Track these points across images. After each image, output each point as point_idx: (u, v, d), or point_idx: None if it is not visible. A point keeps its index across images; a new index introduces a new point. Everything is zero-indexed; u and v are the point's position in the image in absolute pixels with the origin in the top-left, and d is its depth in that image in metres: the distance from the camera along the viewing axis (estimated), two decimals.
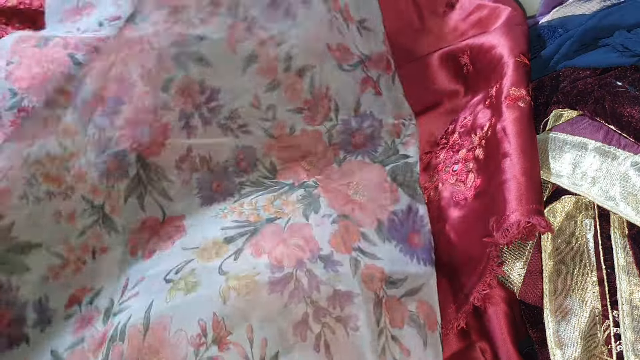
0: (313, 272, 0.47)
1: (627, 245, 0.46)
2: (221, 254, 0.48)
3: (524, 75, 0.54)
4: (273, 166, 0.55)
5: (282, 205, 0.52)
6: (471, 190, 0.52)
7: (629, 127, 0.47)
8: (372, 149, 0.57)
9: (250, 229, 0.50)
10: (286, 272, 0.47)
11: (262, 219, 0.51)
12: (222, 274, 0.47)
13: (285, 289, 0.46)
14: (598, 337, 0.46)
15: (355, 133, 0.57)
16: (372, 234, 0.52)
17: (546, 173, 0.50)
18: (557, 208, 0.51)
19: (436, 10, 0.71)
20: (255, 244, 0.49)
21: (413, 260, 0.51)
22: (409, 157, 0.57)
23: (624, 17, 0.56)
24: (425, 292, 0.51)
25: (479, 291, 0.47)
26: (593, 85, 0.51)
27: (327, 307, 0.46)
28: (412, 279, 0.50)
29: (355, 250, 0.50)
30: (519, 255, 0.51)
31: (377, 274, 0.49)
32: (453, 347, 0.53)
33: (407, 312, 0.49)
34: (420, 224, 0.54)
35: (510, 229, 0.44)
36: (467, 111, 0.60)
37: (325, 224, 0.51)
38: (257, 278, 0.46)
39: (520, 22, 0.60)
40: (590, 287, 0.47)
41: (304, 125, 0.56)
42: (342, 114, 0.58)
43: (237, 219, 0.51)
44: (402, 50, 0.72)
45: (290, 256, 0.48)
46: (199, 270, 0.47)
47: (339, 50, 0.59)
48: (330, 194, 0.53)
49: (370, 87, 0.60)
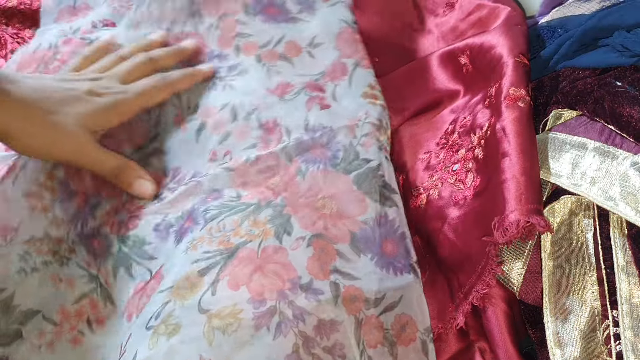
0: (296, 304, 0.46)
1: (627, 245, 0.46)
2: (197, 289, 0.46)
3: (523, 75, 0.54)
4: (238, 193, 0.54)
5: (250, 227, 0.51)
6: (470, 189, 0.52)
7: (628, 127, 0.47)
8: (332, 155, 0.56)
9: (223, 257, 0.48)
10: (269, 306, 0.45)
11: (233, 244, 0.49)
12: (203, 312, 0.44)
13: (270, 322, 0.44)
14: (597, 337, 0.46)
15: (310, 144, 0.57)
16: (347, 249, 0.50)
17: (545, 173, 0.50)
18: (556, 208, 0.51)
19: (436, 10, 0.71)
20: (230, 273, 0.47)
21: (390, 273, 0.50)
22: (370, 161, 0.56)
23: (624, 18, 0.56)
24: (403, 304, 0.50)
25: (478, 290, 0.47)
26: (592, 86, 0.51)
27: (315, 337, 0.45)
28: (390, 295, 0.49)
29: (332, 272, 0.48)
30: (518, 255, 0.51)
31: (357, 295, 0.48)
32: (453, 348, 0.53)
33: (382, 332, 0.48)
34: (391, 229, 0.53)
35: (510, 229, 0.44)
36: (466, 111, 0.60)
37: (301, 247, 0.49)
38: (240, 316, 0.44)
39: (519, 22, 0.60)
40: (589, 287, 0.47)
41: (258, 153, 0.56)
42: (294, 134, 0.58)
43: (208, 249, 0.49)
44: (402, 50, 0.73)
45: (271, 288, 0.46)
46: (178, 312, 0.45)
47: (277, 89, 0.62)
48: (300, 213, 0.52)
49: (315, 104, 0.60)
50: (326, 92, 0.62)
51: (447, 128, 0.61)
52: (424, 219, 0.56)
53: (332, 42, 0.66)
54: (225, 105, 0.60)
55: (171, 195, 0.55)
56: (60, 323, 0.48)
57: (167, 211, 0.54)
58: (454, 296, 0.52)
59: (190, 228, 0.52)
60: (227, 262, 0.48)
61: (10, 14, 0.73)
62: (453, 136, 0.59)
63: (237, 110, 0.59)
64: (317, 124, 0.58)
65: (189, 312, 0.45)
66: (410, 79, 0.67)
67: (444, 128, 0.62)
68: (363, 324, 0.47)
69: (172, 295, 0.46)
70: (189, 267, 0.48)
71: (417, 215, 0.57)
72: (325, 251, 0.50)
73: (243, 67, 0.63)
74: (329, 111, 0.60)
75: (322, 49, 0.65)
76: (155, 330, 0.44)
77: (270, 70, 0.63)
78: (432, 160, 0.59)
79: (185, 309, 0.45)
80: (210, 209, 0.53)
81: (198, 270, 0.47)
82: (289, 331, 0.44)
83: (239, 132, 0.58)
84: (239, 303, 0.45)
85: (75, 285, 0.50)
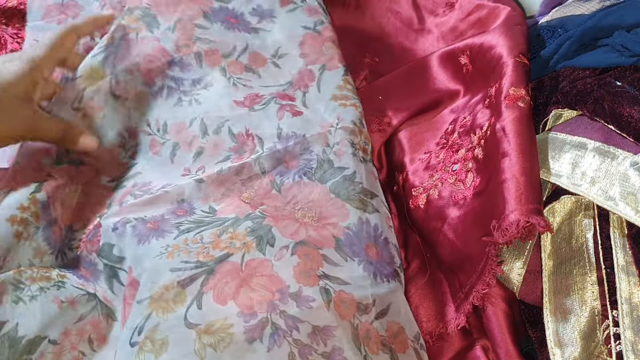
0: (287, 313, 0.45)
1: (627, 245, 0.46)
2: (180, 302, 0.45)
3: (523, 75, 0.54)
4: (212, 209, 0.53)
5: (230, 239, 0.50)
6: (470, 189, 0.52)
7: (628, 127, 0.47)
8: (306, 165, 0.56)
9: (205, 270, 0.46)
10: (260, 318, 0.44)
11: (214, 257, 0.48)
12: (190, 327, 0.43)
13: (263, 334, 0.43)
14: (597, 337, 0.46)
15: (283, 155, 0.56)
16: (333, 254, 0.50)
17: (545, 173, 0.50)
18: (556, 208, 0.51)
19: (436, 10, 0.71)
20: (215, 287, 0.45)
21: (377, 280, 0.50)
22: (345, 170, 0.56)
23: (624, 17, 0.56)
24: (392, 311, 0.50)
25: (479, 290, 0.47)
26: (592, 85, 0.51)
27: (311, 343, 0.44)
28: (380, 301, 0.49)
29: (321, 277, 0.48)
30: (518, 255, 0.51)
31: (348, 300, 0.48)
32: (455, 347, 0.53)
33: (379, 338, 0.48)
34: (374, 235, 0.53)
35: (510, 229, 0.44)
36: (466, 111, 0.60)
37: (285, 257, 0.49)
38: (231, 330, 0.43)
39: (519, 22, 0.60)
40: (589, 286, 0.47)
41: (231, 164, 0.55)
42: (267, 143, 0.58)
43: (187, 259, 0.47)
44: (402, 50, 0.73)
45: (260, 300, 0.45)
46: (163, 326, 0.43)
47: (246, 100, 0.61)
48: (281, 223, 0.51)
49: (286, 112, 0.60)
50: (296, 100, 0.62)
51: (447, 128, 0.61)
52: (424, 218, 0.56)
53: (296, 50, 0.65)
54: (194, 120, 0.59)
55: (134, 199, 0.54)
56: (61, 342, 0.47)
57: (128, 215, 0.52)
58: (455, 296, 0.52)
59: (159, 233, 0.50)
60: (209, 276, 0.46)
61: (10, 14, 0.73)
62: (453, 136, 0.59)
63: (206, 124, 0.59)
64: (289, 132, 0.58)
65: (176, 327, 0.43)
66: (410, 79, 0.67)
67: (444, 128, 0.62)
68: (360, 330, 0.47)
69: (153, 306, 0.45)
70: (168, 275, 0.46)
71: (417, 215, 0.57)
72: (311, 257, 0.49)
73: (207, 81, 0.62)
74: (301, 118, 0.60)
75: (287, 59, 0.65)
76: (141, 347, 0.43)
77: (236, 83, 0.62)
78: (432, 160, 0.59)
79: (170, 323, 0.44)
80: (185, 223, 0.52)
81: (178, 281, 0.46)
82: (283, 341, 0.43)
83: (211, 147, 0.58)
84: (228, 317, 0.44)
85: (77, 304, 0.49)
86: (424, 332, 0.53)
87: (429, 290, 0.55)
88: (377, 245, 0.52)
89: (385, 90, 0.67)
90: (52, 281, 0.50)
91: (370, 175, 0.58)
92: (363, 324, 0.47)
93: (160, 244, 0.49)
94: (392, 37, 0.73)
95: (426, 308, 0.54)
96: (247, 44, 0.65)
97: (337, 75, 0.64)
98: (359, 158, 0.57)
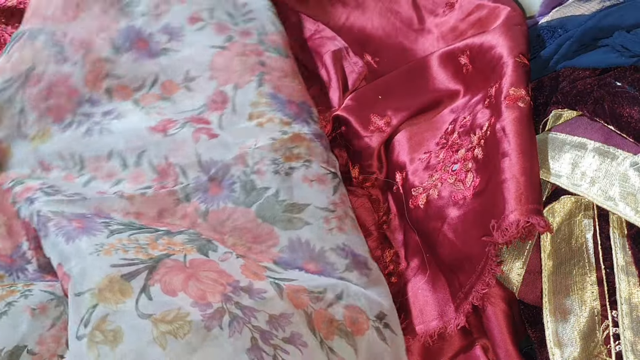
0: (242, 304, 0.45)
1: (627, 245, 0.46)
2: (128, 293, 0.44)
3: (523, 75, 0.54)
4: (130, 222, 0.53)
5: (167, 244, 0.49)
6: (470, 189, 0.52)
7: (628, 128, 0.47)
8: (229, 191, 0.56)
9: (147, 266, 0.46)
10: (216, 307, 0.44)
11: (154, 256, 0.47)
12: (144, 317, 0.43)
13: (222, 322, 0.43)
14: (597, 337, 0.46)
15: (208, 185, 0.56)
16: (273, 266, 0.51)
17: (545, 173, 0.50)
18: (556, 208, 0.51)
19: (436, 10, 0.71)
20: (161, 280, 0.45)
21: (322, 277, 0.51)
22: (268, 189, 0.55)
23: (623, 18, 0.56)
24: (347, 295, 0.50)
25: (478, 290, 0.47)
26: (592, 86, 0.51)
27: (271, 330, 0.44)
28: (331, 289, 0.49)
29: (268, 277, 0.48)
30: (518, 255, 0.51)
31: (300, 290, 0.48)
32: (456, 346, 0.53)
33: (335, 322, 0.48)
34: (308, 251, 0.53)
35: (509, 229, 0.44)
36: (466, 111, 0.60)
37: (230, 259, 0.49)
38: (188, 318, 0.43)
39: (519, 22, 0.60)
40: (589, 287, 0.47)
41: (155, 191, 0.55)
42: (191, 173, 0.57)
43: (125, 257, 0.47)
44: (402, 50, 0.73)
45: (212, 292, 0.45)
46: (113, 317, 0.43)
47: (159, 126, 0.60)
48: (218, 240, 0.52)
49: (201, 134, 0.59)
50: (211, 123, 0.61)
51: (447, 128, 0.61)
52: (424, 218, 0.56)
53: (206, 72, 0.64)
54: (111, 153, 0.58)
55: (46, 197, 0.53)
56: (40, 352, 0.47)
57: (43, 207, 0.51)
58: (455, 296, 0.52)
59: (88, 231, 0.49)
60: (153, 270, 0.46)
61: (9, 13, 0.73)
62: (453, 136, 0.59)
63: (125, 157, 0.58)
64: (209, 159, 0.57)
65: (128, 317, 0.43)
66: (410, 79, 0.67)
67: (443, 128, 0.62)
68: (313, 318, 0.47)
69: (97, 298, 0.44)
70: (109, 270, 0.45)
71: (417, 215, 0.57)
72: (255, 265, 0.50)
73: (119, 112, 0.61)
74: (219, 140, 0.59)
75: (199, 81, 0.64)
76: (91, 338, 0.42)
77: (149, 111, 0.61)
78: (431, 160, 0.59)
79: (121, 313, 0.43)
80: (113, 224, 0.51)
81: (121, 275, 0.45)
82: (243, 327, 0.43)
83: (132, 178, 0.57)
84: (183, 307, 0.43)
85: (48, 310, 0.49)
86: (424, 332, 0.53)
87: (428, 290, 0.55)
88: (313, 260, 0.52)
89: (385, 90, 0.67)
90: (18, 293, 0.49)
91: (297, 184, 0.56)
92: (317, 311, 0.47)
93: (92, 242, 0.48)
94: (392, 37, 0.73)
95: (426, 308, 0.54)
96: (157, 74, 0.64)
97: (249, 90, 0.62)
98: (284, 172, 0.57)
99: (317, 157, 0.59)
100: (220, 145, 0.59)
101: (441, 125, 0.63)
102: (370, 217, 0.65)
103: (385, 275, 0.59)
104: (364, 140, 0.65)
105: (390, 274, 0.60)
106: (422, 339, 0.53)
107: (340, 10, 0.76)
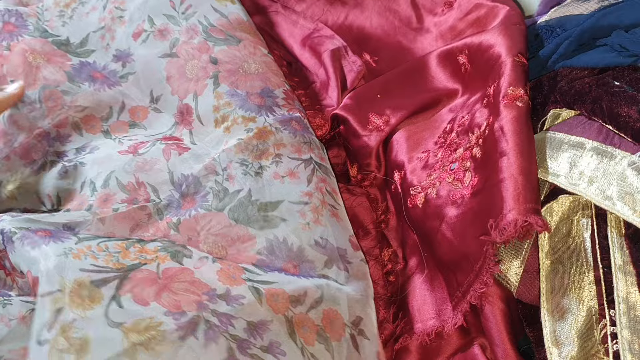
0: (219, 311, 0.43)
1: (624, 245, 0.47)
2: (97, 300, 0.41)
3: (521, 75, 0.54)
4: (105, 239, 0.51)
5: (139, 252, 0.47)
6: (468, 188, 0.52)
7: (626, 127, 0.47)
8: (202, 201, 0.54)
9: (118, 275, 0.43)
10: (191, 316, 0.41)
11: (125, 265, 0.44)
12: (114, 325, 0.39)
13: (196, 331, 0.41)
14: (595, 336, 0.46)
15: (181, 201, 0.55)
16: (252, 268, 0.50)
17: (543, 172, 0.50)
18: (554, 207, 0.51)
19: (434, 9, 0.71)
20: (131, 290, 0.42)
21: (301, 279, 0.50)
22: (240, 191, 0.54)
23: (622, 17, 0.56)
24: (327, 298, 0.49)
25: (476, 290, 0.47)
26: (591, 85, 0.51)
27: (248, 338, 0.43)
28: (311, 292, 0.48)
29: (246, 280, 0.47)
30: (516, 254, 0.51)
31: (279, 294, 0.46)
32: (454, 345, 0.53)
33: (315, 328, 0.47)
34: (286, 251, 0.52)
35: (507, 228, 0.44)
36: (464, 110, 0.60)
37: (206, 264, 0.47)
38: (161, 328, 0.40)
39: (518, 21, 0.60)
40: (587, 286, 0.47)
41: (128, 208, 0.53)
42: (163, 191, 0.55)
43: (95, 263, 0.44)
44: (400, 49, 0.73)
45: (187, 301, 0.43)
46: (81, 323, 0.39)
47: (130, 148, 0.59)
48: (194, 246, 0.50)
49: (172, 150, 0.58)
50: (183, 140, 0.60)
51: (445, 127, 0.61)
52: (422, 217, 0.56)
53: (166, 88, 0.62)
54: (83, 184, 0.57)
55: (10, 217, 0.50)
56: None
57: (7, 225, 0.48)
58: (453, 295, 0.52)
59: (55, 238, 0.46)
60: (124, 281, 0.43)
61: None
62: (451, 135, 0.59)
63: (95, 183, 0.56)
64: (180, 176, 0.56)
65: (96, 325, 0.39)
66: (408, 78, 0.67)
67: (442, 127, 0.62)
68: (294, 322, 0.46)
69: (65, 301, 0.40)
70: (77, 273, 0.42)
71: (415, 214, 0.57)
72: (233, 266, 0.49)
73: (93, 146, 0.60)
74: (190, 154, 0.57)
75: (163, 100, 0.63)
76: (53, 345, 0.38)
77: (122, 140, 0.60)
78: (430, 159, 0.59)
79: (89, 320, 0.40)
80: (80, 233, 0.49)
81: (91, 280, 0.42)
82: (219, 336, 0.41)
83: (101, 201, 0.55)
84: (155, 316, 0.41)
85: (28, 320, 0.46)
86: (422, 331, 0.53)
87: (426, 289, 0.55)
88: (292, 260, 0.51)
89: (384, 89, 0.67)
90: None
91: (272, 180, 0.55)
92: (297, 316, 0.46)
93: (59, 246, 0.45)
94: (391, 36, 0.73)
95: (424, 307, 0.55)
96: (122, 102, 0.63)
97: (208, 95, 0.61)
98: (254, 172, 0.55)
99: (286, 149, 0.58)
100: (191, 159, 0.57)
101: (439, 125, 0.63)
102: (369, 216, 0.65)
103: (384, 274, 0.59)
104: (363, 139, 0.65)
105: (389, 272, 0.60)
106: (420, 337, 0.53)
107: (339, 9, 0.76)
